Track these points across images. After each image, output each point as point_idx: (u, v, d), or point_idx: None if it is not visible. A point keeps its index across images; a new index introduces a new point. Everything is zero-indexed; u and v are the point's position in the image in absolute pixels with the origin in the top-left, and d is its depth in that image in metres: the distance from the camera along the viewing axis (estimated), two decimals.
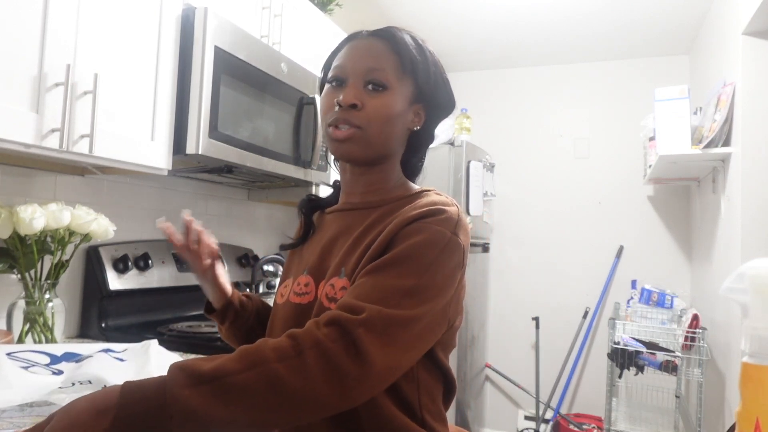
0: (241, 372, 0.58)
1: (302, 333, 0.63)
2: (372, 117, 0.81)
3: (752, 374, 0.46)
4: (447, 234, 0.75)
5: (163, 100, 1.43)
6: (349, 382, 0.61)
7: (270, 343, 0.62)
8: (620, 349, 2.46)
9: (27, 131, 1.10)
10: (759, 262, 0.47)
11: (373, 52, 0.83)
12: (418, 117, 0.88)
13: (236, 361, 0.60)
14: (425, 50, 0.87)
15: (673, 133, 2.23)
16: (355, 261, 0.78)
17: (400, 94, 0.83)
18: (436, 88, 0.88)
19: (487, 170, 3.00)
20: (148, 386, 0.58)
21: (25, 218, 1.21)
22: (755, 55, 1.99)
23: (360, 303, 0.66)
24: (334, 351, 0.61)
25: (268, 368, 0.59)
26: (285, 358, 0.60)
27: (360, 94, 0.81)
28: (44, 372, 1.05)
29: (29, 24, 1.11)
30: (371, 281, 0.70)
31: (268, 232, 2.49)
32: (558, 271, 3.39)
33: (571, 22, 2.88)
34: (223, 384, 0.58)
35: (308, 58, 1.97)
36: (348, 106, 0.80)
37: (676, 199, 3.18)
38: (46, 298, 1.31)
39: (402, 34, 0.85)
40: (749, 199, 1.97)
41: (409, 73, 0.84)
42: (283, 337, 0.63)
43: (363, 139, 0.81)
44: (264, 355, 0.60)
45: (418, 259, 0.72)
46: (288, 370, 0.59)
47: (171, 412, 0.56)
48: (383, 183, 0.89)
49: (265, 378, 0.58)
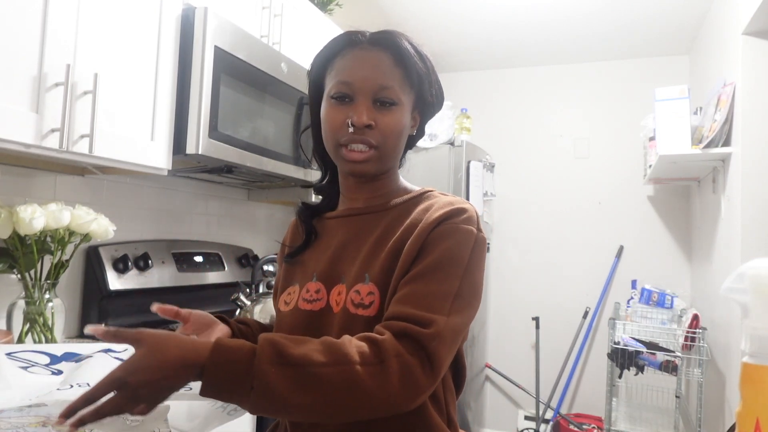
0: (326, 366, 0.62)
1: (383, 341, 0.66)
2: (386, 135, 0.81)
3: (752, 374, 0.45)
4: (474, 232, 0.78)
5: (163, 100, 1.43)
6: (420, 391, 0.67)
7: (354, 344, 0.66)
8: (620, 349, 2.46)
9: (27, 131, 1.10)
10: (759, 262, 0.47)
11: (380, 67, 0.82)
12: (415, 121, 0.90)
13: (321, 353, 0.63)
14: (425, 59, 0.87)
15: (673, 133, 2.23)
16: (381, 266, 0.78)
17: (407, 107, 0.84)
18: (431, 96, 0.88)
19: (487, 170, 3.00)
20: (237, 351, 0.62)
21: (25, 218, 1.21)
22: (755, 55, 1.98)
23: (426, 315, 0.69)
24: (413, 363, 0.66)
25: (351, 369, 0.63)
26: (368, 363, 0.64)
27: (372, 112, 0.81)
28: (44, 372, 1.05)
29: (29, 24, 1.11)
30: (421, 289, 0.72)
31: (268, 232, 2.49)
32: (558, 271, 3.39)
33: (571, 22, 2.88)
34: (307, 372, 0.61)
35: (308, 58, 1.96)
36: (363, 127, 0.80)
37: (676, 199, 3.18)
38: (46, 298, 1.31)
39: (404, 43, 0.84)
40: (749, 199, 1.97)
41: (410, 83, 0.85)
42: (364, 341, 0.67)
43: (379, 157, 0.83)
44: (349, 354, 0.64)
45: (457, 261, 0.75)
46: (369, 374, 0.63)
47: (253, 383, 0.60)
48: (387, 188, 0.90)
49: (346, 377, 0.62)
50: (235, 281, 2.05)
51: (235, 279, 2.07)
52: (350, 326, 0.76)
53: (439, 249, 0.75)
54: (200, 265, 1.94)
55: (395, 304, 0.73)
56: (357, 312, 0.77)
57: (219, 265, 2.04)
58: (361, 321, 0.76)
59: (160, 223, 1.89)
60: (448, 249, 0.75)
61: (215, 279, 1.99)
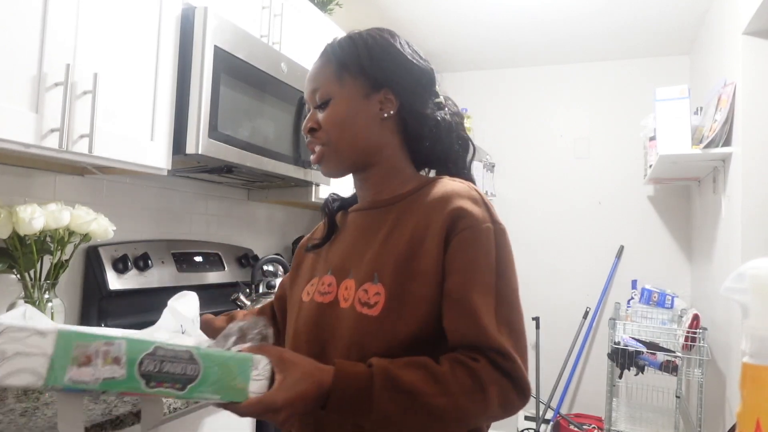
0: (434, 396, 0.69)
1: (480, 370, 0.70)
2: (328, 130, 0.85)
3: (752, 374, 0.45)
4: (490, 228, 0.77)
5: (162, 100, 1.43)
6: (516, 410, 0.74)
7: (457, 374, 0.70)
8: (620, 349, 2.46)
9: (27, 131, 1.10)
10: (759, 262, 0.46)
11: (312, 74, 0.88)
12: (389, 102, 0.85)
13: (428, 383, 0.69)
14: (355, 40, 0.86)
15: (674, 133, 2.23)
16: (391, 268, 0.77)
17: (346, 96, 0.85)
18: (392, 70, 0.85)
19: (487, 170, 3.00)
20: (357, 376, 0.69)
21: (25, 218, 1.21)
22: (755, 55, 1.98)
23: (503, 347, 0.72)
24: (509, 388, 0.72)
25: (456, 400, 0.69)
26: (470, 392, 0.70)
27: (314, 116, 0.87)
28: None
29: (29, 24, 1.11)
30: (475, 308, 0.73)
31: (268, 232, 2.49)
32: (558, 271, 3.39)
33: (571, 22, 2.88)
34: (418, 402, 0.68)
35: (308, 58, 1.97)
36: (308, 132, 0.88)
37: (676, 199, 3.18)
38: (45, 298, 1.31)
39: (335, 42, 0.88)
40: (749, 199, 1.97)
41: (345, 73, 0.84)
42: (464, 370, 0.71)
43: (332, 152, 0.86)
44: (452, 386, 0.70)
45: (482, 267, 0.75)
46: (473, 403, 0.70)
47: (372, 406, 0.67)
48: (389, 180, 0.88)
49: (454, 407, 0.70)
50: (234, 281, 2.05)
51: (235, 279, 2.07)
52: (357, 323, 0.77)
53: (467, 259, 0.75)
54: (200, 265, 1.94)
55: (460, 325, 0.74)
56: (363, 311, 0.77)
57: (219, 265, 2.04)
58: (367, 320, 0.76)
59: (159, 223, 1.89)
60: (477, 257, 0.75)
61: (215, 279, 1.99)
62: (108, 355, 0.54)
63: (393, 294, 0.76)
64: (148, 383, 0.57)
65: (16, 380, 0.47)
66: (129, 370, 0.56)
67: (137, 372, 0.56)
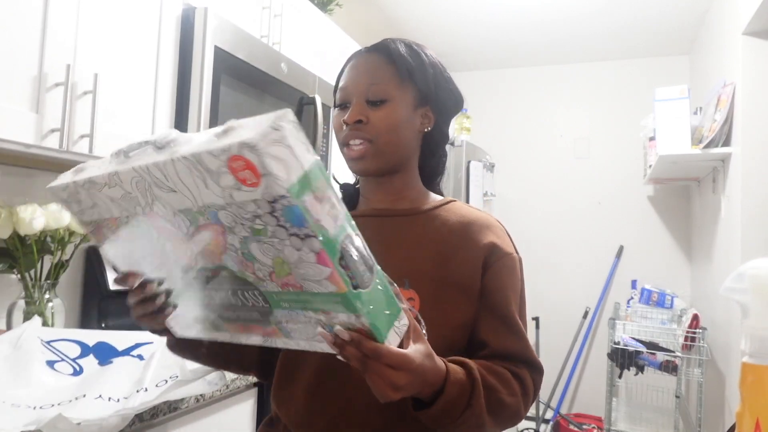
0: (507, 395, 0.78)
1: (526, 379, 0.82)
2: (379, 128, 0.83)
3: (752, 374, 0.45)
4: (516, 257, 0.89)
5: (163, 100, 1.43)
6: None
7: (513, 379, 0.81)
8: (620, 349, 2.46)
9: (27, 131, 1.10)
10: (759, 262, 0.47)
11: (370, 68, 0.86)
12: (428, 119, 0.90)
13: (500, 383, 0.78)
14: (420, 54, 0.89)
15: (673, 133, 2.24)
16: (424, 275, 0.82)
17: (403, 102, 0.85)
18: (438, 89, 0.89)
19: (487, 170, 3.00)
20: (462, 375, 0.73)
21: (25, 218, 1.21)
22: (755, 55, 1.99)
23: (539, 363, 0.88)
24: (534, 394, 0.85)
25: (519, 401, 0.80)
26: (523, 395, 0.81)
27: (363, 109, 0.84)
28: (66, 370, 1.08)
29: (29, 24, 1.11)
30: (518, 325, 0.86)
31: None
32: (558, 271, 3.39)
33: (571, 22, 2.88)
34: (496, 398, 0.76)
35: (308, 58, 1.97)
36: (354, 123, 0.84)
37: (676, 199, 3.18)
38: (46, 298, 1.31)
39: (396, 44, 0.88)
40: (749, 199, 1.97)
41: (407, 80, 0.86)
42: (515, 376, 0.81)
43: (375, 152, 0.84)
44: (516, 388, 0.80)
45: (517, 292, 0.88)
46: (524, 405, 0.81)
47: (472, 402, 0.72)
48: (407, 189, 0.91)
49: (517, 407, 0.79)
50: None
51: None
52: None
53: (504, 284, 0.86)
54: None
55: (506, 339, 0.85)
56: None
57: None
58: None
59: None
60: (511, 283, 0.86)
61: None
62: (332, 209, 0.51)
63: (426, 300, 0.81)
64: (341, 259, 0.52)
65: (273, 164, 0.45)
66: (337, 232, 0.51)
67: (340, 241, 0.51)
